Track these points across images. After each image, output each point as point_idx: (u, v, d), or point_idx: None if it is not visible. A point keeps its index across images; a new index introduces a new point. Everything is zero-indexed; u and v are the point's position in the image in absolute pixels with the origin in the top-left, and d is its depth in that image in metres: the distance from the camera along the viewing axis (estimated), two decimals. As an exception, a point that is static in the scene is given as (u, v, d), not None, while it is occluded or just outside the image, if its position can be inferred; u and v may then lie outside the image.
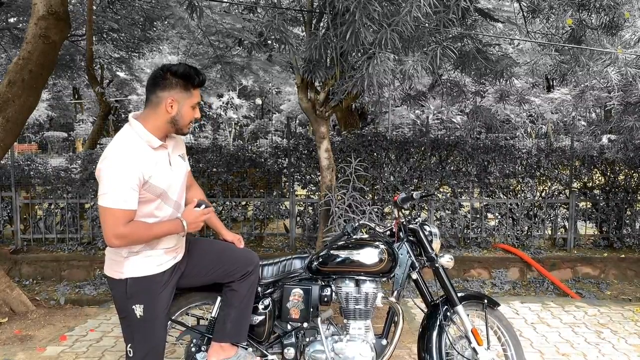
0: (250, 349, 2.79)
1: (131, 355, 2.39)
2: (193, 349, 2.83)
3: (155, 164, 2.25)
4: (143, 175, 2.17)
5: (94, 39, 8.92)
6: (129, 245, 2.25)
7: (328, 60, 4.49)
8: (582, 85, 6.36)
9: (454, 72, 6.01)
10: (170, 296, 2.48)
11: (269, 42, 5.20)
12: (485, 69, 5.22)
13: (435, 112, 12.43)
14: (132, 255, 2.29)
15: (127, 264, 2.30)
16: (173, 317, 2.89)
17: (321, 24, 4.82)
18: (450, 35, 4.44)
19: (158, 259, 2.36)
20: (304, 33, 5.22)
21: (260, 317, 2.74)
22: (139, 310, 2.33)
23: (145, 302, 2.34)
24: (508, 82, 5.47)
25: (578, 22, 4.71)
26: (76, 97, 25.97)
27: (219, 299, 2.83)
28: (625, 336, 4.37)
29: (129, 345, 2.40)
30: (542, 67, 4.72)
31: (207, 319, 2.92)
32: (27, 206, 6.86)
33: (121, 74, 13.19)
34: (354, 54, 4.13)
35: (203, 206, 2.40)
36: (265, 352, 2.81)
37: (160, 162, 2.28)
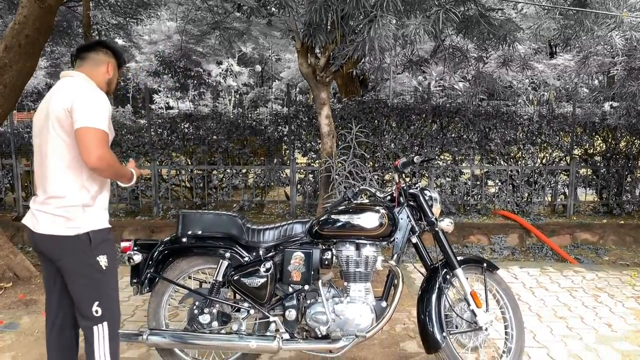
0: None
1: (99, 314, 2.33)
2: (196, 312, 2.87)
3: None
4: (110, 112, 2.35)
5: (91, 4, 8.76)
6: (103, 171, 2.28)
7: (329, 24, 4.43)
8: (586, 51, 6.27)
9: (457, 37, 5.93)
10: None
11: (269, 6, 5.12)
12: (488, 34, 5.14)
13: (437, 78, 12.31)
14: (88, 207, 2.33)
15: (85, 217, 2.31)
16: (176, 281, 2.93)
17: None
18: (453, -1, 4.37)
19: (106, 214, 2.45)
20: (304, -4, 5.13)
21: (262, 280, 2.77)
22: (104, 261, 2.35)
23: (109, 252, 2.39)
24: (511, 47, 5.39)
25: (583, -16, 4.62)
26: (74, 64, 25.61)
27: (221, 262, 2.86)
28: (622, 300, 4.43)
29: (96, 304, 2.33)
30: (545, 31, 4.66)
31: (209, 282, 2.96)
32: (28, 174, 6.87)
33: (119, 41, 12.99)
34: (355, 17, 4.07)
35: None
36: (267, 313, 2.85)
37: None
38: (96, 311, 2.33)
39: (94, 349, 2.32)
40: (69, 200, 2.28)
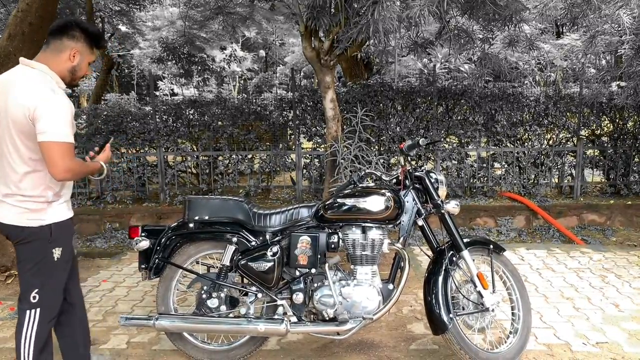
0: None
1: (35, 300, 2.37)
2: (204, 296, 2.90)
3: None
4: (72, 112, 2.32)
5: (93, -9, 8.74)
6: (70, 180, 2.37)
7: (332, 6, 4.39)
8: (593, 31, 6.18)
9: (462, 18, 5.86)
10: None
11: (272, -11, 5.08)
12: (493, 14, 5.08)
13: (442, 61, 12.19)
14: (55, 201, 2.39)
15: (50, 210, 2.37)
16: (184, 266, 2.96)
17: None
18: (458, -21, 4.31)
19: (69, 204, 2.50)
20: (307, -21, 5.07)
21: (269, 264, 2.79)
22: (57, 253, 2.39)
23: (64, 245, 2.43)
24: (517, 27, 5.33)
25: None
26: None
27: (228, 247, 2.88)
28: (630, 280, 4.43)
29: (35, 291, 2.37)
30: (552, 10, 4.60)
31: (217, 267, 2.98)
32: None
33: (122, 28, 12.93)
34: (358, -1, 4.03)
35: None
36: (274, 297, 2.87)
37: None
38: (34, 297, 2.38)
39: (22, 330, 2.37)
40: (34, 198, 2.32)
